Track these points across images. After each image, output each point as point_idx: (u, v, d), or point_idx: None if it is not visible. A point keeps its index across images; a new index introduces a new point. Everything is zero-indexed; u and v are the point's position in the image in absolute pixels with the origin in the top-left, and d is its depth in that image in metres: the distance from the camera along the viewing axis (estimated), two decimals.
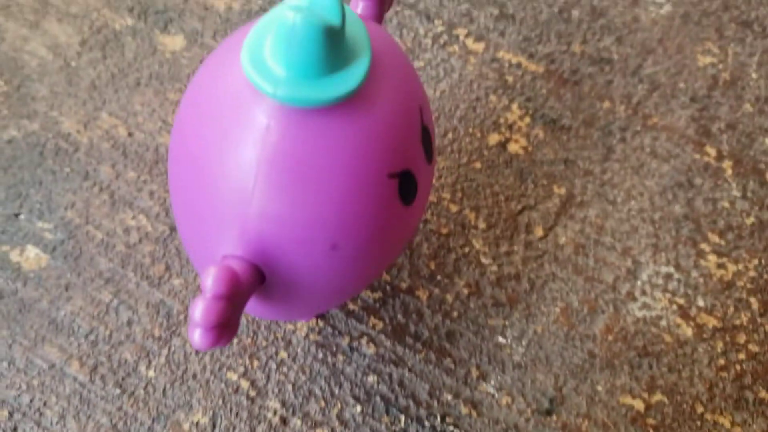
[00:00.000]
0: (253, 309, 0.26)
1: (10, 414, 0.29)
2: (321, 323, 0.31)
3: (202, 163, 0.22)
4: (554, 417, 0.30)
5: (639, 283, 0.33)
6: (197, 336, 0.21)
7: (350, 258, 0.23)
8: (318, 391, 0.30)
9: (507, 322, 0.32)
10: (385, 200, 0.23)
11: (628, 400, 0.31)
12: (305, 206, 0.22)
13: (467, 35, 0.37)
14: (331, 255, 0.23)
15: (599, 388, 0.31)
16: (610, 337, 0.32)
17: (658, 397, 0.31)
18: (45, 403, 0.30)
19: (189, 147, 0.23)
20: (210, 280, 0.21)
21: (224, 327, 0.21)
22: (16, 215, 0.33)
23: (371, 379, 0.31)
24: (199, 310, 0.20)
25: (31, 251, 0.32)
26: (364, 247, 0.23)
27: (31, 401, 0.30)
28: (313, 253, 0.23)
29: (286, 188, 0.21)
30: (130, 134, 0.34)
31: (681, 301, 0.32)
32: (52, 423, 0.29)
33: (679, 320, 0.32)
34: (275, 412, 0.30)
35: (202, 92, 0.23)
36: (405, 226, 0.24)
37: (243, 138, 0.21)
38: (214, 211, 0.23)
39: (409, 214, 0.24)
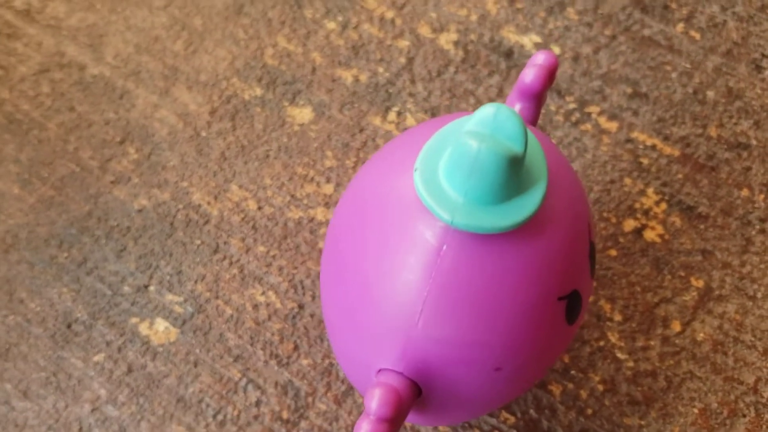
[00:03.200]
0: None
1: None
2: None
3: (366, 276, 0.22)
4: None
5: None
6: None
7: (511, 377, 0.23)
8: None
9: (643, 422, 0.31)
10: (552, 322, 0.22)
11: None
12: (473, 330, 0.21)
13: (600, 113, 0.36)
14: (494, 375, 0.22)
15: None
16: None
17: None
18: None
19: (350, 256, 0.23)
20: (375, 402, 0.21)
21: None
22: (146, 287, 0.33)
23: None
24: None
25: (161, 324, 0.32)
26: (527, 366, 0.23)
27: None
28: (475, 373, 0.22)
29: (454, 312, 0.21)
30: (259, 208, 0.34)
31: None
32: None
33: None
34: None
35: (368, 203, 0.23)
36: (565, 343, 0.24)
37: (413, 258, 0.21)
38: (375, 325, 0.22)
39: (571, 330, 0.23)
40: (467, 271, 0.21)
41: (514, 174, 0.20)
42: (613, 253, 0.33)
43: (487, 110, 0.20)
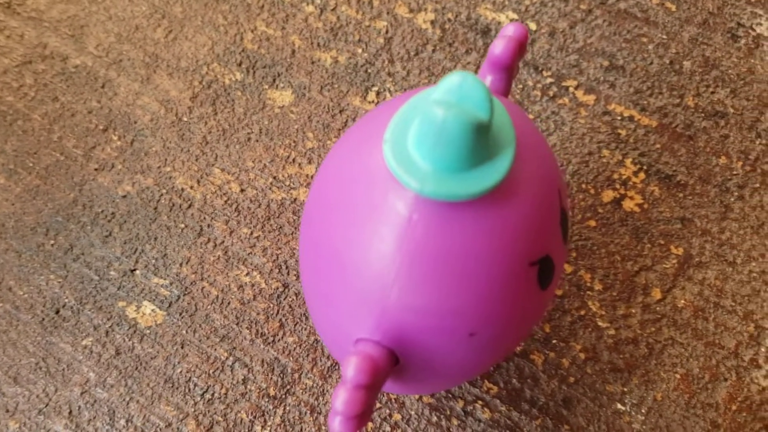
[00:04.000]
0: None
1: None
2: None
3: (340, 249, 0.22)
4: None
5: (763, 349, 0.31)
6: (337, 424, 0.21)
7: (486, 344, 0.23)
8: None
9: (626, 389, 0.31)
10: (524, 287, 0.22)
11: None
12: (446, 297, 0.21)
13: (577, 87, 0.36)
14: (468, 341, 0.22)
15: None
16: (734, 407, 0.31)
17: None
18: None
19: (325, 231, 0.23)
20: (351, 370, 0.21)
21: (364, 415, 0.21)
22: (132, 271, 0.33)
23: None
24: (341, 399, 0.21)
25: (147, 307, 0.33)
26: (501, 333, 0.23)
27: None
28: (451, 340, 0.22)
29: (427, 281, 0.21)
30: (242, 190, 0.35)
31: None
32: None
33: None
34: None
35: (340, 178, 0.23)
36: (540, 308, 0.24)
37: (385, 229, 0.21)
38: (351, 296, 0.23)
39: (545, 296, 0.24)
40: (438, 239, 0.21)
41: (481, 141, 0.20)
42: (593, 223, 0.34)
43: (453, 79, 0.20)
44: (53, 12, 0.40)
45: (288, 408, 0.31)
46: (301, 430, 0.30)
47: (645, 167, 0.35)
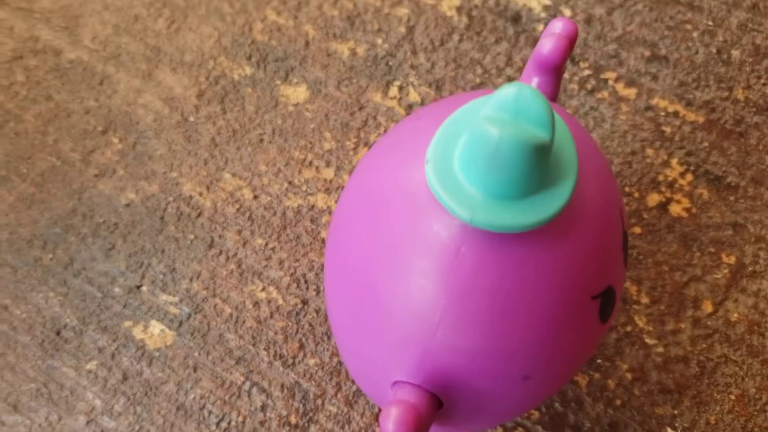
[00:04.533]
0: None
1: None
2: None
3: (376, 281, 0.20)
4: None
5: None
6: None
7: (540, 385, 0.20)
8: None
9: (676, 411, 0.29)
10: (584, 323, 0.20)
11: None
12: (498, 338, 0.19)
13: (617, 80, 0.33)
14: (521, 385, 0.20)
15: None
16: None
17: None
18: None
19: (357, 258, 0.20)
20: (392, 424, 0.18)
21: None
22: (138, 287, 0.31)
23: None
24: None
25: (156, 327, 0.30)
26: (556, 373, 0.20)
27: None
28: (502, 384, 0.20)
29: (477, 320, 0.19)
30: (255, 197, 0.32)
31: None
32: None
33: None
34: None
35: (374, 198, 0.20)
36: (597, 341, 0.21)
37: (428, 262, 0.19)
38: (389, 335, 0.20)
39: (604, 329, 0.21)
40: (489, 274, 0.19)
41: (539, 164, 0.17)
42: (638, 230, 0.31)
43: (507, 91, 0.17)
44: (44, 2, 0.36)
45: None
46: None
47: (692, 168, 0.32)
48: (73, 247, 0.32)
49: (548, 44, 0.22)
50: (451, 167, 0.18)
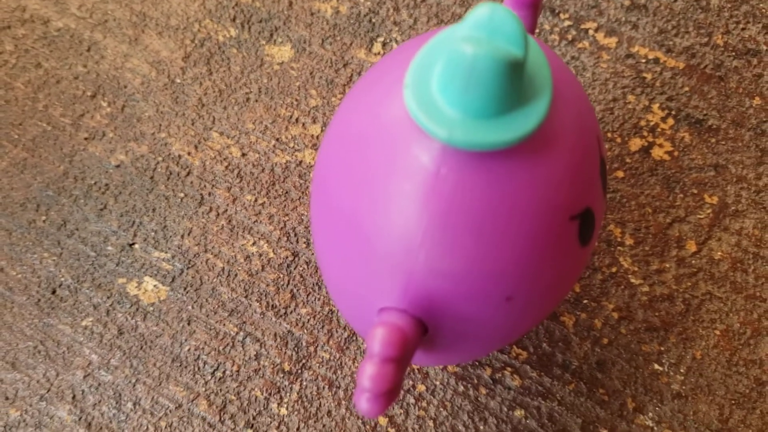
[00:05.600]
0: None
1: None
2: None
3: (358, 211, 0.20)
4: None
5: None
6: (365, 402, 0.19)
7: (525, 308, 0.21)
8: (461, 427, 0.28)
9: (663, 348, 0.29)
10: (565, 244, 0.20)
11: None
12: (480, 259, 0.19)
13: (597, 29, 0.34)
14: (505, 306, 0.20)
15: None
16: None
17: None
18: None
19: (340, 193, 0.21)
20: (378, 343, 0.19)
21: (393, 392, 0.19)
22: (131, 245, 0.31)
23: (518, 413, 0.28)
24: (368, 375, 0.18)
25: (149, 283, 0.31)
26: (540, 295, 0.21)
27: None
28: (486, 306, 0.20)
29: (458, 241, 0.19)
30: (243, 154, 0.32)
31: None
32: None
33: None
34: None
35: (353, 132, 0.21)
36: (580, 266, 0.22)
37: (408, 185, 0.19)
38: (372, 263, 0.20)
39: (585, 252, 0.22)
40: (469, 194, 0.19)
41: (515, 81, 0.18)
42: (621, 174, 0.31)
43: (481, 11, 0.18)
44: None
45: (305, 383, 0.29)
46: (320, 405, 0.28)
47: (673, 112, 0.32)
48: (66, 209, 0.32)
49: None
50: (429, 91, 0.19)
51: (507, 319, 0.21)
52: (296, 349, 0.29)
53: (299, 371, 0.29)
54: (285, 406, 0.29)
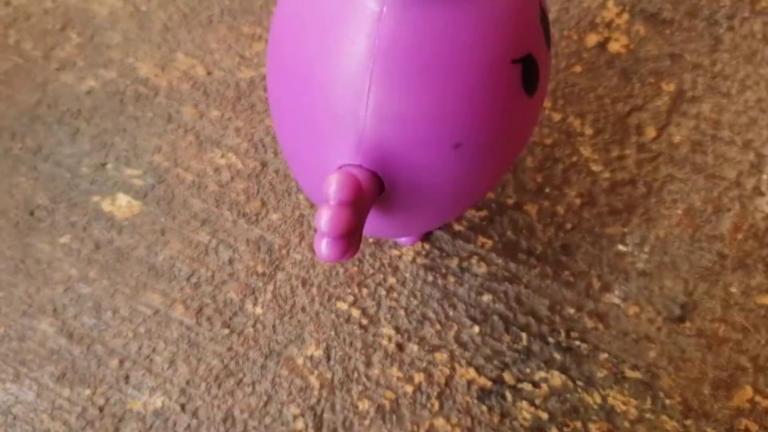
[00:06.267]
0: (371, 226, 0.25)
1: (121, 363, 0.29)
2: (427, 246, 0.30)
3: (307, 66, 0.21)
4: (687, 324, 0.28)
5: (765, 176, 0.30)
6: (324, 246, 0.19)
7: (475, 156, 0.21)
8: (432, 315, 0.29)
9: (626, 229, 0.30)
10: (509, 90, 0.21)
11: (766, 300, 0.28)
12: (426, 102, 0.20)
13: None
14: (455, 154, 0.21)
15: (733, 290, 0.29)
16: (740, 236, 0.29)
17: None
18: (154, 350, 0.29)
19: (289, 53, 0.21)
20: (333, 187, 0.19)
21: (351, 236, 0.20)
22: (103, 165, 0.32)
23: (486, 298, 0.29)
24: (325, 218, 0.19)
25: (123, 199, 0.31)
26: (488, 143, 0.21)
27: (140, 348, 0.29)
28: (436, 153, 0.21)
29: (404, 83, 0.20)
30: (208, 73, 0.33)
31: None
32: (163, 369, 0.28)
33: None
34: (390, 339, 0.28)
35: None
36: (529, 118, 0.22)
37: (352, 31, 0.19)
38: (325, 118, 0.21)
39: (532, 105, 0.22)
40: (411, 35, 0.19)
41: None
42: (578, 69, 0.32)
43: None
44: None
45: (279, 283, 0.30)
46: (294, 303, 0.29)
47: (628, 7, 0.33)
48: (41, 135, 0.33)
49: None
50: None
51: (459, 168, 0.21)
52: (269, 252, 0.30)
53: (273, 272, 0.30)
54: (260, 305, 0.29)
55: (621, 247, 0.29)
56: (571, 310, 0.29)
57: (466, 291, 0.29)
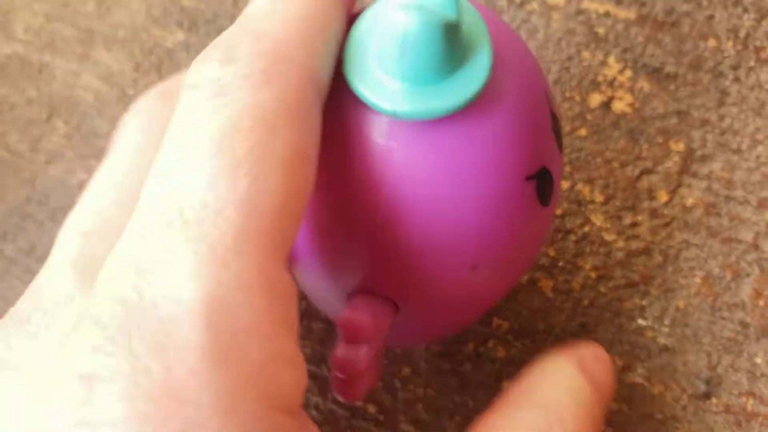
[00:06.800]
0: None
1: None
2: None
3: (320, 198, 0.20)
4: (713, 400, 0.27)
5: None
6: (341, 388, 0.19)
7: (492, 274, 0.21)
8: (451, 405, 0.28)
9: (645, 302, 0.29)
10: (524, 206, 0.20)
11: None
12: (439, 228, 0.19)
13: None
14: (472, 275, 0.20)
15: (758, 360, 0.28)
16: (761, 302, 0.28)
17: None
18: None
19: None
20: (346, 328, 0.19)
21: (370, 371, 0.19)
22: None
23: (505, 385, 0.28)
24: (340, 361, 0.19)
25: None
26: (506, 260, 0.21)
27: None
28: (451, 277, 0.20)
29: (416, 212, 0.19)
30: None
31: None
32: None
33: None
34: None
35: None
36: (544, 227, 0.22)
37: (362, 165, 0.19)
38: (335, 247, 0.20)
39: (547, 213, 0.21)
40: (422, 164, 0.19)
41: (451, 45, 0.18)
42: (583, 132, 0.31)
43: None
44: None
45: None
46: (308, 399, 0.28)
47: (630, 63, 0.32)
48: (33, 234, 0.32)
49: None
50: (368, 65, 0.19)
51: (476, 287, 0.21)
52: None
53: None
54: None
55: (641, 322, 0.29)
56: None
57: (484, 377, 0.28)
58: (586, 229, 0.30)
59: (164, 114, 0.20)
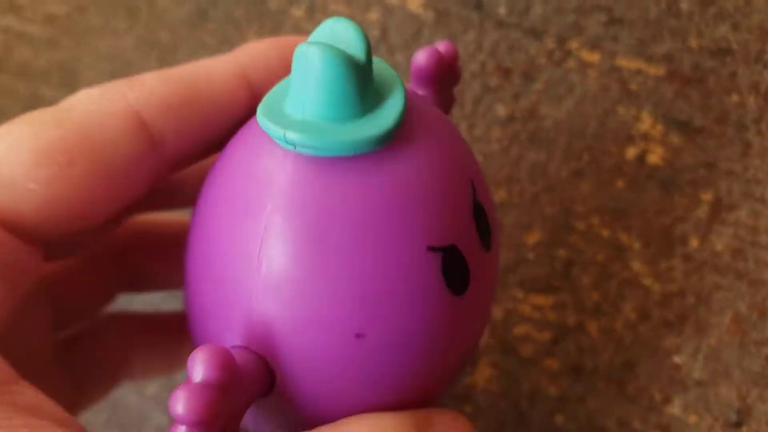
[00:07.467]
0: (261, 423, 0.22)
1: None
2: (496, 373, 0.32)
3: (211, 237, 0.19)
4: (744, 429, 0.31)
5: None
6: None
7: (380, 351, 0.19)
8: None
9: (680, 340, 0.32)
10: (424, 281, 0.18)
11: None
12: (321, 278, 0.18)
13: (580, 47, 0.36)
14: (355, 345, 0.18)
15: None
16: None
17: None
18: None
19: (210, 222, 0.20)
20: (198, 364, 0.16)
21: (214, 426, 0.16)
22: None
23: (559, 419, 0.31)
24: (182, 401, 0.16)
25: None
26: (398, 338, 0.19)
27: None
28: (334, 342, 0.18)
29: (297, 254, 0.18)
30: None
31: None
32: None
33: None
34: None
35: (221, 161, 0.21)
36: (456, 322, 0.20)
37: (253, 195, 0.18)
38: (216, 291, 0.19)
39: (462, 308, 0.19)
40: (309, 204, 0.18)
41: (357, 85, 0.18)
42: (620, 183, 0.34)
43: (324, 24, 0.19)
44: (40, 62, 0.39)
45: None
46: None
47: (661, 118, 0.35)
48: None
49: (422, 55, 0.23)
50: (283, 101, 0.19)
51: (361, 361, 0.19)
52: None
53: None
54: None
55: (677, 359, 0.32)
56: (638, 425, 0.31)
57: (539, 414, 0.31)
58: (626, 274, 0.33)
59: None
